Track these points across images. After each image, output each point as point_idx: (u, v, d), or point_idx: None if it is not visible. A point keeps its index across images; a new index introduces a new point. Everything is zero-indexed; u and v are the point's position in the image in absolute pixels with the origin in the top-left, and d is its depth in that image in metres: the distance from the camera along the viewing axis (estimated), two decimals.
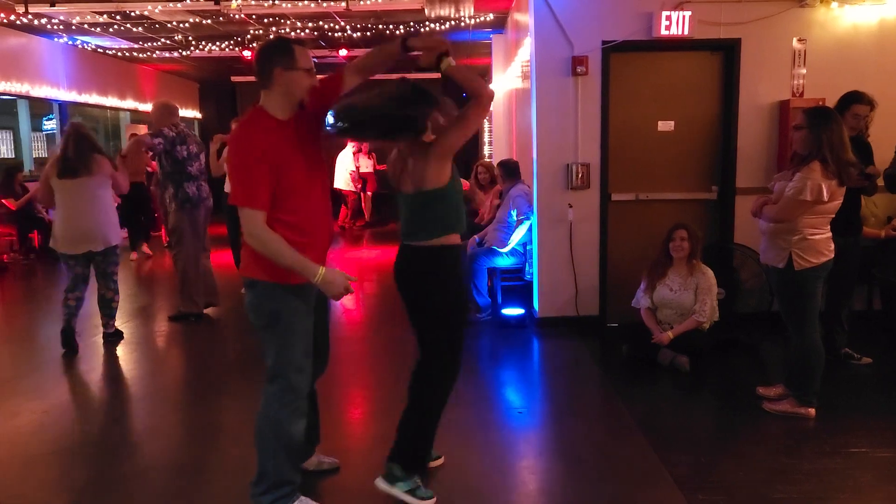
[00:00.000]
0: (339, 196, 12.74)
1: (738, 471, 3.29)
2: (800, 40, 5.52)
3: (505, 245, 6.07)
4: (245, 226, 2.65)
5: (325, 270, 2.67)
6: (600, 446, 3.65)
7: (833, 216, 3.69)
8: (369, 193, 13.64)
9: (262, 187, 2.63)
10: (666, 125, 5.70)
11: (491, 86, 12.40)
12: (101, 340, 5.68)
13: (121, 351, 5.51)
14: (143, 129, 14.58)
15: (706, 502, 3.00)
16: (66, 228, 5.29)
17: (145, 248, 10.24)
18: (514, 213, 6.04)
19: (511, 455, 3.61)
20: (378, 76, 3.10)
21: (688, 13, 5.39)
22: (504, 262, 6.16)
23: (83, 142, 5.34)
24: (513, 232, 6.05)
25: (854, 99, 4.44)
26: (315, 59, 3.28)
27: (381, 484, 3.05)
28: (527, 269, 6.18)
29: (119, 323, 5.93)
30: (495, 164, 7.34)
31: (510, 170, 6.34)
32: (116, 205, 5.81)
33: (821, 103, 5.44)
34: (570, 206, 5.67)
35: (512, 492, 3.21)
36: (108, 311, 5.67)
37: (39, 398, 4.44)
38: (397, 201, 3.07)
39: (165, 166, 5.98)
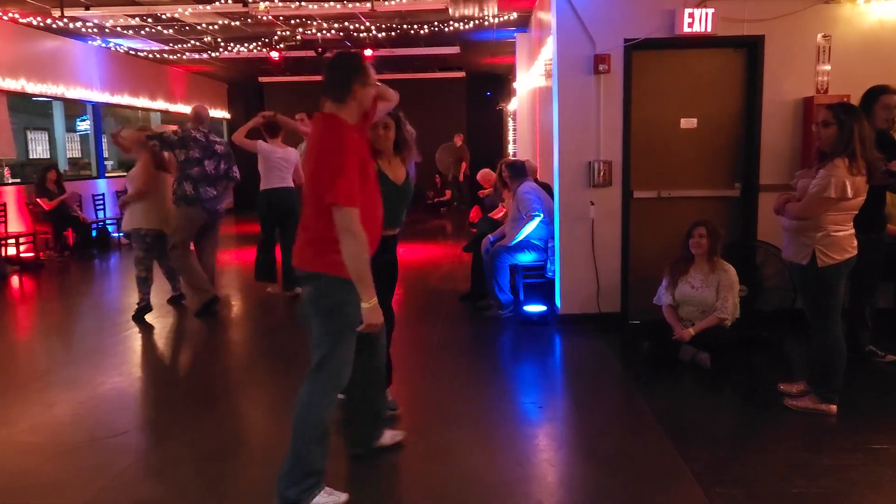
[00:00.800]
0: None
1: (757, 466, 3.31)
2: (824, 36, 5.49)
3: (512, 240, 6.12)
4: (343, 222, 2.77)
5: (376, 301, 2.85)
6: (619, 441, 3.69)
7: (856, 212, 3.68)
8: None
9: (357, 186, 2.82)
10: (689, 122, 5.71)
11: (515, 84, 12.45)
12: (133, 334, 5.86)
13: (152, 344, 5.67)
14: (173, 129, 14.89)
15: (724, 496, 3.02)
16: (159, 210, 6.41)
17: None
18: (523, 211, 6.11)
19: (531, 448, 3.66)
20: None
21: (710, 10, 5.39)
22: (526, 259, 6.21)
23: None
24: (520, 227, 6.10)
25: (881, 90, 4.41)
26: None
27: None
28: (549, 266, 6.22)
29: (150, 318, 6.23)
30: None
31: (516, 170, 6.41)
32: None
33: (846, 100, 5.42)
34: (592, 204, 5.70)
35: (531, 483, 3.26)
36: (175, 276, 6.84)
37: (75, 389, 4.59)
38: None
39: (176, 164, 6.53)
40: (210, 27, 10.44)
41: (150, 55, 13.03)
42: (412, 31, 11.00)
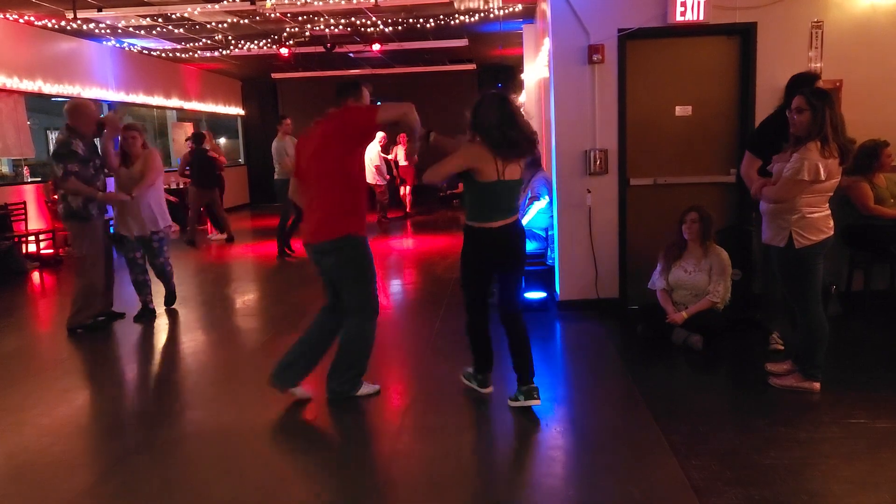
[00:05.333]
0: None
1: (734, 440, 3.43)
2: (816, 22, 5.54)
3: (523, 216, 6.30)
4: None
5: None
6: (605, 418, 3.83)
7: (831, 194, 3.78)
8: (409, 187, 13.91)
9: None
10: (683, 110, 5.79)
11: (522, 75, 12.54)
12: (145, 326, 6.12)
13: (161, 334, 5.87)
14: (189, 127, 15.16)
15: (698, 467, 3.15)
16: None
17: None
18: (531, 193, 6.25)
19: (520, 426, 3.79)
20: None
21: None
22: (527, 247, 6.33)
23: None
24: (526, 213, 6.25)
25: (815, 77, 4.52)
26: (351, 54, 3.93)
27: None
28: (549, 254, 6.35)
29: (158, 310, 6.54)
30: None
31: (532, 159, 6.49)
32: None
33: (838, 84, 5.50)
34: (589, 192, 5.81)
35: (518, 457, 3.42)
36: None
37: (89, 376, 4.82)
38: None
39: None
40: (220, 25, 10.65)
41: (164, 54, 13.27)
42: (419, 25, 11.12)
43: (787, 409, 3.78)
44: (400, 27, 11.26)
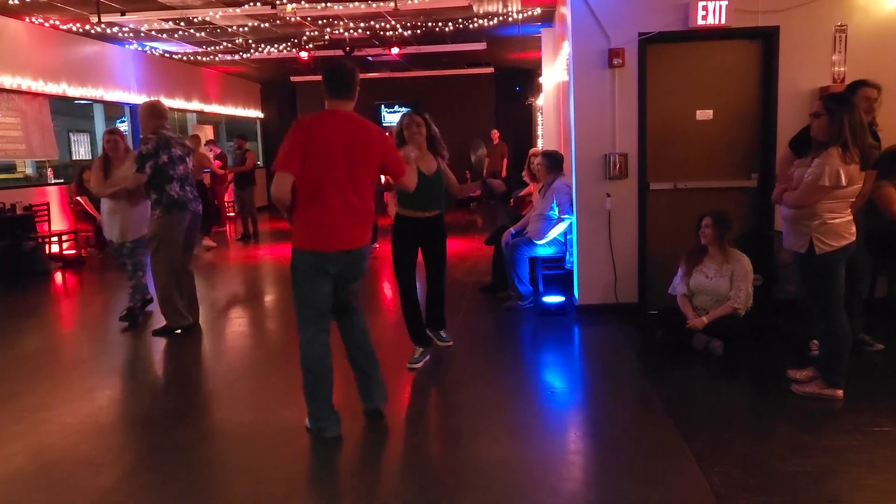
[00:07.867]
0: None
1: (757, 447, 3.41)
2: (840, 26, 5.50)
3: (542, 238, 6.25)
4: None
5: None
6: (625, 423, 3.81)
7: (853, 200, 3.74)
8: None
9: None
10: (704, 114, 5.76)
11: (541, 79, 12.54)
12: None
13: (183, 337, 5.92)
14: (209, 130, 15.29)
15: (721, 474, 3.13)
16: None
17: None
18: (555, 207, 6.20)
19: (541, 430, 3.80)
20: None
21: (724, 2, 5.44)
22: (545, 251, 6.33)
23: None
24: (552, 226, 6.22)
25: (862, 83, 4.42)
26: (370, 58, 3.89)
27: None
28: (567, 257, 6.33)
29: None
30: None
31: (555, 162, 6.47)
32: None
33: None
34: (608, 196, 5.79)
35: (535, 461, 3.41)
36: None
37: (112, 376, 4.88)
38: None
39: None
40: (240, 29, 10.74)
41: (185, 57, 13.41)
42: (437, 29, 11.15)
43: (810, 416, 3.75)
44: (419, 31, 11.30)
